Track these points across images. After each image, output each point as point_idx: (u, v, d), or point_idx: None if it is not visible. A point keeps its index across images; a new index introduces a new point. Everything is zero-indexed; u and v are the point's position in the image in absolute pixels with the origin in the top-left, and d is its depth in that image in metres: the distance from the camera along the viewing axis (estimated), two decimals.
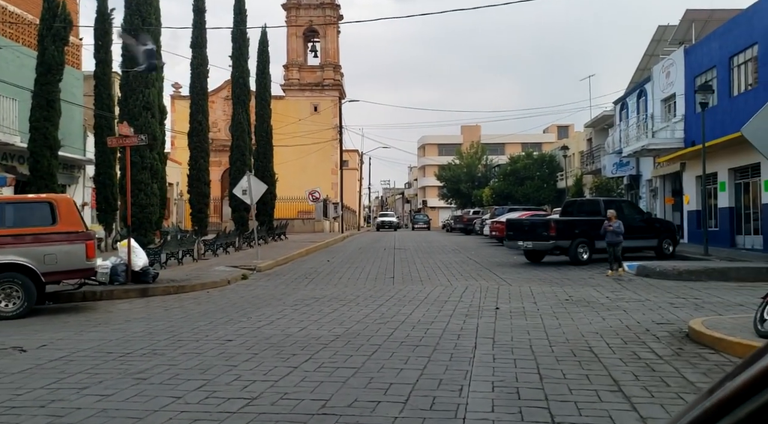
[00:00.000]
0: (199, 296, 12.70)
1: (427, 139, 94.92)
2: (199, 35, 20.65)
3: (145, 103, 14.55)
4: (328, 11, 52.45)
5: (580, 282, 14.50)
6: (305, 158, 49.50)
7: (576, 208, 20.96)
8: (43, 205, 10.35)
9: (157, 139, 14.92)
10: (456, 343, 7.82)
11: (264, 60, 28.41)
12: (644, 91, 30.13)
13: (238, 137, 24.86)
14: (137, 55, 14.35)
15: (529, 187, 45.78)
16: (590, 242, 18.70)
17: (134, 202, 14.53)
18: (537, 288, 13.39)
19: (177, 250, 17.49)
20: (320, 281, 15.10)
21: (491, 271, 17.21)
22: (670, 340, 7.88)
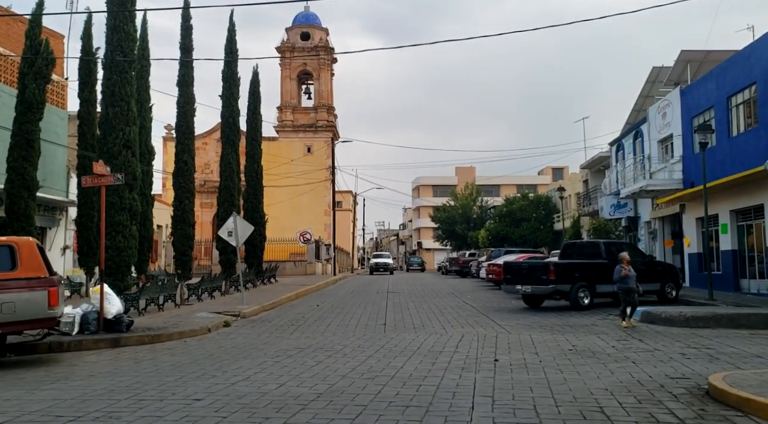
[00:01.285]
0: (174, 347, 11.80)
1: (422, 180, 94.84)
2: (186, 74, 20.17)
3: (125, 141, 13.89)
4: (322, 54, 52.71)
5: (582, 329, 13.68)
6: (298, 199, 48.97)
7: (575, 251, 20.25)
8: (2, 249, 9.55)
9: (137, 179, 14.20)
10: (451, 403, 6.98)
11: (255, 100, 28.03)
12: (640, 132, 29.80)
13: (226, 177, 24.24)
14: None
15: (525, 228, 45.19)
16: (591, 286, 17.93)
17: (111, 244, 13.77)
18: (538, 336, 12.55)
19: (157, 295, 16.62)
20: (307, 329, 14.22)
21: (488, 317, 16.36)
22: (690, 399, 7.07)
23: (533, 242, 44.04)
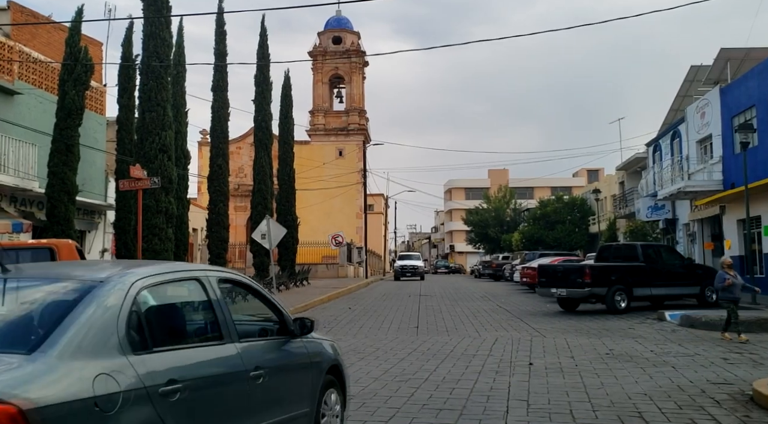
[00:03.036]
0: None
1: (454, 183, 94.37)
2: (221, 79, 20.51)
3: (161, 145, 14.15)
4: (354, 58, 52.91)
5: (619, 333, 13.42)
6: (330, 203, 49.18)
7: (612, 254, 19.88)
8: (42, 252, 9.77)
9: (173, 183, 14.44)
10: (485, 406, 6.90)
11: (287, 104, 28.27)
12: (678, 133, 29.17)
13: (260, 181, 24.48)
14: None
15: (560, 231, 44.62)
16: (628, 289, 17.59)
17: (148, 247, 14.01)
18: (573, 340, 12.35)
19: None
20: (339, 331, 14.23)
21: (523, 320, 16.17)
22: (733, 404, 6.86)
23: (568, 245, 43.45)
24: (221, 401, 3.84)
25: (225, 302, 4.22)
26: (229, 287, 4.49)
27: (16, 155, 18.09)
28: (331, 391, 5.30)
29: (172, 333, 3.80)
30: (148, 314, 3.60)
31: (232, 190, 41.15)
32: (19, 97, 19.11)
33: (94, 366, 3.03)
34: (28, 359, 2.88)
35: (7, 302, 3.39)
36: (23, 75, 19.56)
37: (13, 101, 19.00)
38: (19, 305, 3.41)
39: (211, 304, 4.10)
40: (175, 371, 3.48)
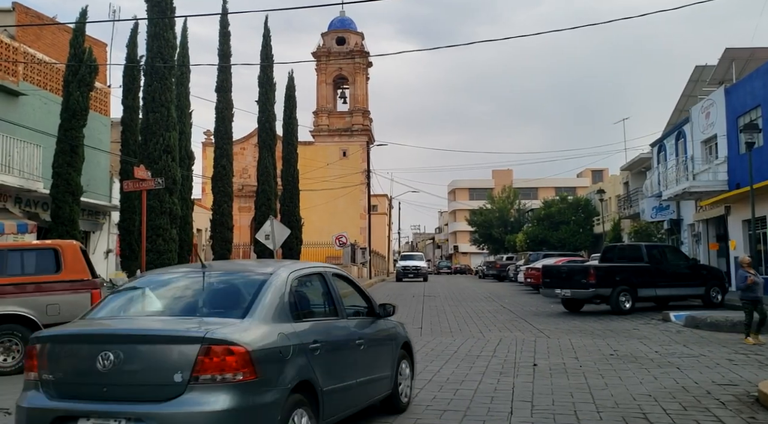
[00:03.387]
0: None
1: (458, 184, 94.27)
2: (225, 80, 20.52)
3: (165, 146, 14.17)
4: (357, 58, 52.91)
5: (624, 334, 13.38)
6: (334, 203, 49.19)
7: (616, 254, 19.82)
8: (47, 252, 9.81)
9: (177, 184, 14.45)
10: (489, 407, 6.89)
11: (291, 105, 28.28)
12: (683, 133, 29.08)
13: (263, 182, 24.49)
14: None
15: (564, 232, 44.53)
16: (633, 289, 17.54)
17: (152, 247, 14.02)
18: (578, 341, 12.32)
19: None
20: None
21: (527, 321, 16.14)
22: (738, 406, 6.83)
23: (572, 245, 43.36)
24: (341, 358, 5.44)
25: (338, 290, 5.86)
26: (338, 279, 6.05)
27: (20, 156, 18.14)
28: (404, 362, 6.84)
29: (310, 309, 5.51)
30: (297, 295, 5.20)
31: (236, 190, 41.14)
32: (23, 98, 19.16)
33: (276, 328, 4.64)
34: (243, 322, 4.50)
35: (213, 287, 5.05)
36: (28, 76, 19.61)
37: (18, 102, 19.05)
38: (223, 289, 5.11)
39: (330, 291, 5.77)
40: (315, 335, 5.05)
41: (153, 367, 4.15)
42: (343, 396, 5.37)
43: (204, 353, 4.08)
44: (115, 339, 4.33)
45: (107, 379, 4.15)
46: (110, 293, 5.49)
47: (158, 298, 5.14)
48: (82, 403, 4.20)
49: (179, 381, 4.06)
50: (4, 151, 17.59)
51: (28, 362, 4.53)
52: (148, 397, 4.11)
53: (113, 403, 4.14)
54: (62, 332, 4.72)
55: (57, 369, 4.35)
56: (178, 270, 5.73)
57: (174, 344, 4.19)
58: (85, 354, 4.28)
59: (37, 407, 4.30)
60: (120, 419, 4.08)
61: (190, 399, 4.03)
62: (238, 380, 4.12)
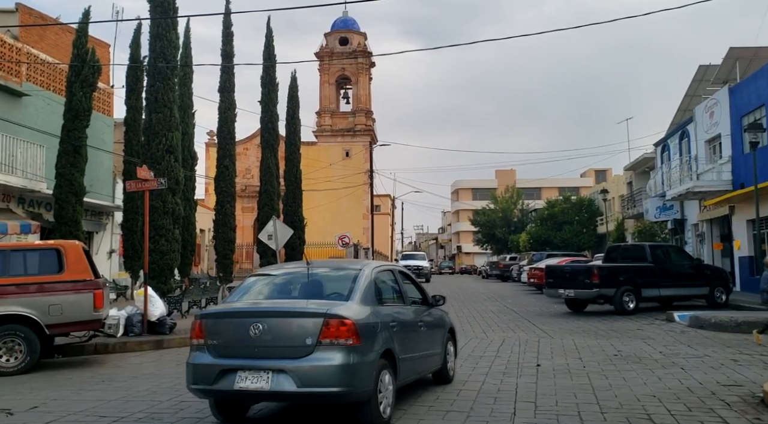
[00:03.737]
0: None
1: (461, 184, 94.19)
2: (228, 80, 20.49)
3: (168, 146, 14.14)
4: (360, 59, 52.86)
5: (627, 334, 13.33)
6: (337, 203, 49.17)
7: (620, 254, 19.75)
8: (49, 252, 9.80)
9: (180, 184, 14.42)
10: (492, 408, 6.85)
11: (294, 105, 28.26)
12: (686, 133, 28.99)
13: (266, 182, 24.45)
14: None
15: (567, 232, 44.44)
16: (636, 290, 17.47)
17: (154, 248, 14.02)
18: (581, 341, 12.28)
19: (200, 298, 16.88)
20: None
21: (530, 321, 16.10)
22: (743, 407, 6.78)
23: (576, 245, 43.28)
24: (409, 335, 6.91)
25: (403, 283, 7.49)
26: (402, 275, 7.67)
27: (24, 157, 18.17)
28: (450, 343, 8.35)
29: (386, 297, 6.97)
30: (378, 285, 6.77)
31: (239, 191, 41.12)
32: (27, 98, 19.19)
33: (368, 309, 6.19)
34: (347, 303, 6.07)
35: (321, 278, 6.74)
36: (31, 77, 19.64)
37: (21, 103, 19.08)
38: (329, 280, 6.77)
39: (398, 283, 7.38)
40: (392, 316, 6.63)
41: (290, 334, 5.77)
42: (411, 365, 6.88)
43: (326, 325, 5.68)
44: (263, 314, 5.93)
45: (257, 342, 5.73)
46: (240, 283, 7.17)
47: (282, 286, 6.86)
48: (239, 360, 5.78)
49: (309, 344, 5.66)
50: (8, 152, 17.62)
51: (194, 332, 6.13)
52: (287, 355, 5.69)
53: (262, 360, 5.71)
54: (223, 310, 6.50)
55: (219, 336, 5.95)
56: (290, 266, 7.77)
57: (304, 317, 5.83)
58: (240, 325, 5.87)
59: (206, 364, 5.89)
60: (268, 371, 5.65)
61: (317, 357, 5.63)
62: (348, 344, 5.66)
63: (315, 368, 5.60)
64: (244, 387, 5.66)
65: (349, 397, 5.74)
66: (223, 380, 5.75)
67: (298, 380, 5.57)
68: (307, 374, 5.59)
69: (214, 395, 6.05)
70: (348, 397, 5.74)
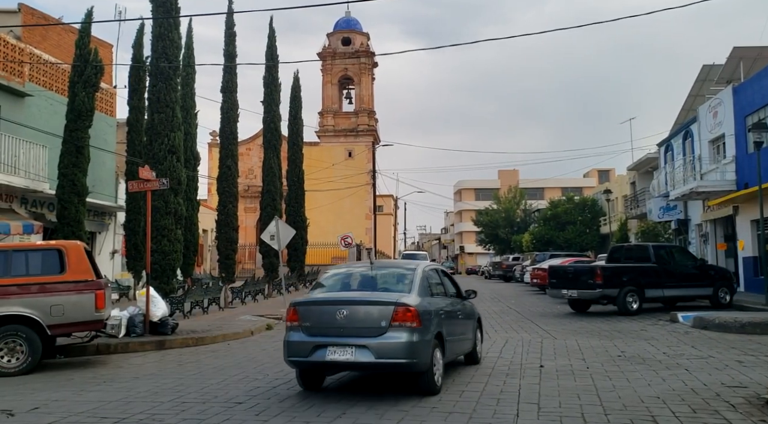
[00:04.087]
0: (218, 349, 11.90)
1: (464, 184, 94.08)
2: (230, 80, 20.45)
3: (170, 146, 14.11)
4: (363, 59, 52.87)
5: (631, 335, 13.26)
6: (339, 204, 49.15)
7: (623, 255, 19.67)
8: (51, 253, 9.78)
9: (182, 184, 14.39)
10: (495, 409, 6.81)
11: (296, 105, 28.23)
12: (690, 133, 28.89)
13: (269, 182, 24.41)
14: None
15: (570, 232, 44.32)
16: (640, 290, 17.40)
17: (156, 248, 14.00)
18: (584, 342, 12.22)
19: (202, 298, 16.87)
20: None
21: (533, 322, 16.04)
22: (748, 408, 6.72)
23: (579, 245, 43.16)
24: (451, 322, 8.37)
25: (444, 279, 9.09)
26: (443, 273, 9.30)
27: (26, 157, 18.19)
28: (479, 331, 9.99)
29: (434, 290, 8.37)
30: (429, 281, 8.25)
31: (242, 191, 41.10)
32: (29, 99, 19.21)
33: (425, 299, 7.63)
34: (409, 294, 7.49)
35: (385, 275, 8.26)
36: (34, 77, 19.65)
37: (24, 103, 19.10)
38: (391, 276, 8.24)
39: (441, 279, 8.90)
40: (440, 306, 8.10)
41: (368, 317, 7.26)
42: (453, 346, 8.34)
43: (395, 311, 7.18)
44: (346, 302, 7.43)
45: (342, 324, 7.22)
46: (319, 278, 8.71)
47: (353, 281, 8.30)
48: (328, 338, 7.24)
49: (383, 326, 7.16)
50: (10, 152, 17.64)
51: (289, 316, 7.62)
52: (366, 334, 7.17)
53: (346, 338, 7.17)
54: (313, 299, 7.82)
55: (310, 319, 7.41)
56: (356, 265, 9.40)
57: (379, 305, 7.33)
58: (328, 311, 7.39)
59: (301, 341, 7.35)
60: (352, 346, 7.12)
61: (389, 335, 7.12)
62: (412, 326, 7.16)
63: (388, 344, 7.09)
64: (334, 359, 7.15)
65: (413, 367, 7.21)
66: (316, 354, 7.22)
67: (375, 353, 7.07)
68: (382, 348, 7.08)
69: (308, 365, 7.47)
70: (413, 367, 7.21)
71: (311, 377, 7.83)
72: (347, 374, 8.57)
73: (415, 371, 7.29)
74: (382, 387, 7.97)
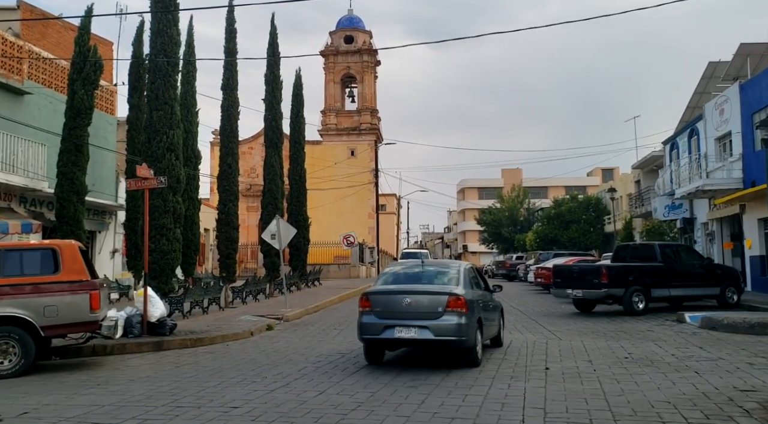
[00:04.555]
0: (216, 350, 11.68)
1: (467, 183, 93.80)
2: (231, 77, 20.15)
3: (168, 144, 13.82)
4: (365, 57, 52.57)
5: (638, 336, 13.00)
6: (342, 203, 48.90)
7: (629, 254, 19.40)
8: (45, 252, 9.56)
9: (181, 182, 14.10)
10: (500, 415, 6.57)
11: (298, 103, 27.96)
12: (696, 130, 28.58)
13: (270, 181, 24.15)
14: None
15: (574, 231, 44.04)
16: (646, 290, 17.14)
17: (155, 247, 13.76)
18: (590, 343, 11.97)
19: (202, 298, 16.65)
20: (349, 333, 13.94)
21: (537, 322, 15.79)
22: (763, 414, 6.48)
23: (583, 244, 42.87)
24: (486, 310, 10.12)
25: (477, 276, 10.78)
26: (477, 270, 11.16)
27: (25, 155, 17.98)
28: (502, 318, 11.79)
29: (474, 284, 10.10)
30: (470, 276, 10.09)
31: (244, 190, 40.86)
32: (28, 97, 19.00)
33: (470, 291, 9.57)
34: (458, 286, 9.43)
35: (435, 271, 10.08)
36: (33, 75, 19.44)
37: (23, 101, 18.90)
38: (441, 272, 10.01)
39: (476, 275, 10.61)
40: (478, 296, 9.96)
41: (428, 304, 9.05)
42: (487, 330, 10.15)
43: (449, 299, 8.97)
44: (410, 292, 9.25)
45: (406, 309, 9.03)
46: (381, 275, 10.76)
47: (410, 275, 10.06)
48: (395, 320, 9.04)
49: (440, 311, 8.93)
50: (9, 151, 17.44)
51: (362, 303, 9.48)
52: (426, 317, 8.95)
53: (410, 320, 8.98)
54: (383, 290, 9.67)
55: (380, 306, 9.25)
56: (410, 263, 10.85)
57: (436, 295, 9.13)
58: (395, 299, 9.20)
59: (373, 322, 9.21)
60: (415, 327, 8.92)
61: (444, 318, 8.90)
62: (462, 311, 8.94)
63: (444, 325, 8.93)
64: (400, 336, 9.06)
65: (463, 344, 9.05)
66: (386, 332, 9.11)
67: (433, 332, 8.92)
68: (439, 328, 8.92)
69: (379, 341, 9.37)
70: (462, 344, 9.05)
71: (375, 353, 9.76)
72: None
73: (464, 347, 9.13)
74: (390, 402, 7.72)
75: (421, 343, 9.15)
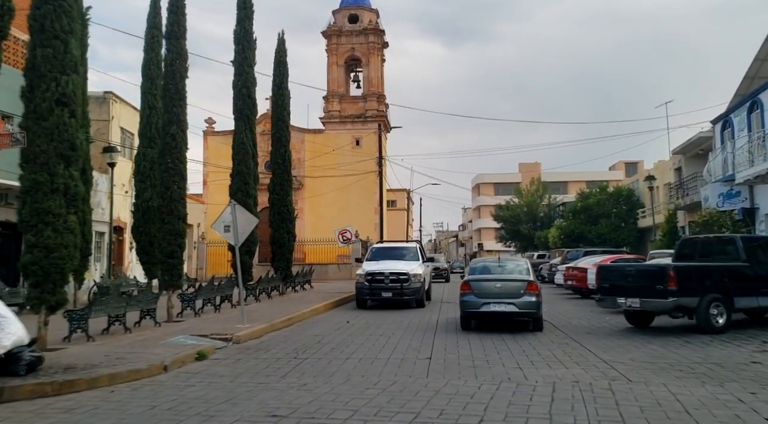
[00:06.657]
0: (88, 403, 7.29)
1: (483, 178, 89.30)
2: (176, 23, 15.52)
3: (59, 95, 9.51)
4: (372, 37, 48.24)
5: (746, 373, 8.46)
6: (347, 197, 44.72)
7: (698, 250, 14.77)
8: None
9: (77, 150, 9.78)
10: None
11: (281, 73, 23.48)
12: (758, 103, 23.82)
13: (239, 161, 19.68)
14: None
15: (604, 226, 39.36)
16: (727, 298, 12.59)
17: (36, 242, 9.49)
18: (680, 388, 7.51)
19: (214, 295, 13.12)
20: (313, 365, 9.52)
21: (583, 345, 11.26)
22: None
23: (614, 241, 38.18)
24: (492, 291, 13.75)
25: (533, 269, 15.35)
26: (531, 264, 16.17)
27: None
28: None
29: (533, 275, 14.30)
30: (533, 269, 14.78)
31: None
32: None
33: (535, 279, 13.92)
34: (529, 276, 13.86)
35: (512, 266, 14.77)
36: None
37: None
38: (513, 266, 14.74)
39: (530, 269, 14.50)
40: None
41: (513, 288, 13.16)
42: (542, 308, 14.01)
43: (527, 284, 13.17)
44: (500, 280, 13.42)
45: (497, 291, 13.17)
46: (470, 268, 15.10)
47: (492, 268, 14.28)
48: (490, 299, 13.13)
49: (521, 292, 13.07)
50: None
51: (463, 287, 13.52)
52: (512, 297, 13.03)
53: (501, 298, 13.07)
54: (479, 278, 13.67)
55: (478, 289, 13.30)
56: (490, 259, 15.36)
57: (518, 282, 13.28)
58: (489, 284, 13.35)
59: (473, 301, 13.24)
60: (504, 303, 13.00)
61: (524, 298, 13.02)
62: (536, 293, 13.13)
63: (525, 302, 12.91)
64: (495, 310, 13.02)
65: (535, 315, 13.06)
66: (483, 307, 13.06)
67: (518, 307, 12.89)
68: (521, 304, 12.89)
69: (478, 314, 13.28)
70: (535, 315, 13.06)
71: (468, 323, 13.64)
72: None
73: (536, 317, 13.13)
74: None
75: (510, 314, 13.02)
